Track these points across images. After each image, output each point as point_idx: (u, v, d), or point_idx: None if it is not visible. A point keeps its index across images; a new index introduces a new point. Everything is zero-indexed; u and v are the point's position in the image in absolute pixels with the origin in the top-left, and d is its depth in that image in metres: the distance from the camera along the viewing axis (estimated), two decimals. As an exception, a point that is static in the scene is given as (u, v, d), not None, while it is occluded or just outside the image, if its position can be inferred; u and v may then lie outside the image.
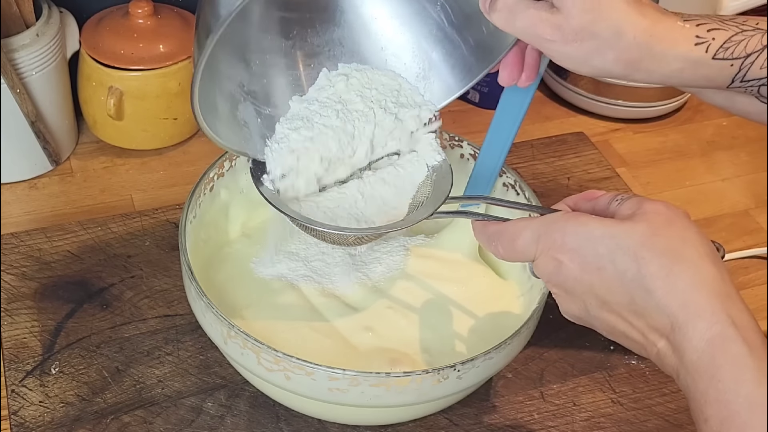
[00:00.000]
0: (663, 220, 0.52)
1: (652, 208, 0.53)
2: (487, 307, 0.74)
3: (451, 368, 0.60)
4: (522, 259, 0.57)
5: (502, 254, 0.58)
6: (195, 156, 0.98)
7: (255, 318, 0.71)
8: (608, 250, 0.52)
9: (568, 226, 0.54)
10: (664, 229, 0.52)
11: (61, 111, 0.93)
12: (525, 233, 0.56)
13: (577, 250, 0.53)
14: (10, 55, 0.84)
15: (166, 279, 0.80)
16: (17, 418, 0.68)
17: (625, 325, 0.53)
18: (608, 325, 0.54)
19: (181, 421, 0.69)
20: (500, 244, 0.58)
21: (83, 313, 0.77)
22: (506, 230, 0.58)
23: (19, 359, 0.73)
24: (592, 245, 0.53)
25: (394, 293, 0.73)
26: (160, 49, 0.92)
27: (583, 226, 0.54)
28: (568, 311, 0.56)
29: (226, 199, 0.76)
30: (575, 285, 0.54)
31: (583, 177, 0.97)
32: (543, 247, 0.55)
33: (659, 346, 0.51)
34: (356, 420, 0.70)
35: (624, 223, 0.53)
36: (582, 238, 0.53)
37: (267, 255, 0.74)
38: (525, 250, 0.56)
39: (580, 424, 0.72)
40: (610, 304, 0.53)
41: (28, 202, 0.91)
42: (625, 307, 0.52)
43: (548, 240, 0.55)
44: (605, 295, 0.53)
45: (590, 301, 0.54)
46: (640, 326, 0.52)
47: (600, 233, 0.53)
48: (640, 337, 0.53)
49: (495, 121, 0.72)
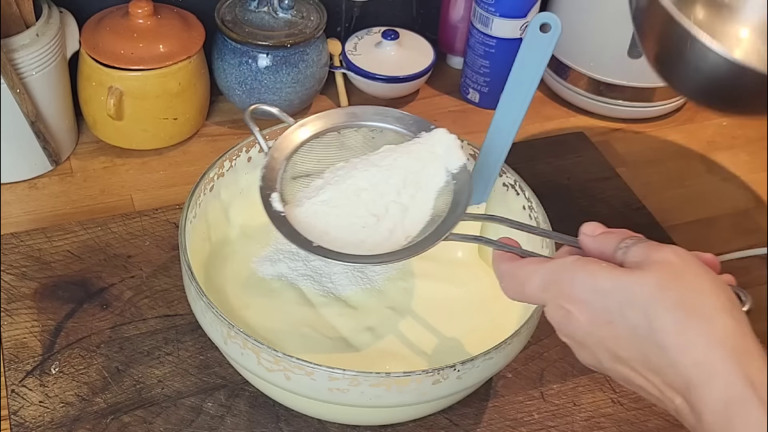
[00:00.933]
0: (674, 271, 0.49)
1: (660, 256, 0.50)
2: (487, 307, 0.74)
3: (451, 368, 0.60)
4: (531, 303, 0.56)
5: (514, 297, 0.56)
6: (195, 156, 0.98)
7: (255, 318, 0.71)
8: (618, 304, 0.49)
9: (577, 276, 0.51)
10: (676, 280, 0.49)
11: (61, 111, 0.93)
12: (534, 279, 0.54)
13: (585, 302, 0.51)
14: (10, 55, 0.84)
15: (166, 279, 0.80)
16: (17, 418, 0.68)
17: (640, 379, 0.51)
18: (624, 377, 0.52)
19: (181, 421, 0.69)
20: (509, 286, 0.56)
21: (83, 313, 0.77)
22: (516, 273, 0.55)
23: (19, 359, 0.73)
24: (601, 298, 0.50)
25: (394, 293, 0.73)
26: (160, 49, 0.92)
27: (591, 276, 0.51)
28: (582, 360, 0.54)
29: (226, 199, 0.76)
30: (585, 337, 0.52)
31: (583, 177, 0.97)
32: (551, 295, 0.53)
33: (677, 403, 0.49)
34: (356, 420, 0.70)
35: (633, 274, 0.50)
36: (590, 290, 0.51)
37: (267, 254, 0.75)
38: (533, 296, 0.54)
39: (580, 424, 0.72)
40: (623, 359, 0.50)
41: (28, 202, 0.91)
42: (639, 363, 0.50)
43: (556, 289, 0.52)
44: (617, 349, 0.50)
45: (602, 355, 0.52)
46: (656, 382, 0.49)
47: (609, 285, 0.50)
48: (657, 392, 0.50)
49: (495, 120, 0.72)
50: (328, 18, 1.00)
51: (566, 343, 0.54)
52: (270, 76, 0.97)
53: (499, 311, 0.73)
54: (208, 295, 0.63)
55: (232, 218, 0.77)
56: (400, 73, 1.04)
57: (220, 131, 1.02)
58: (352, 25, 1.08)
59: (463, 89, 1.10)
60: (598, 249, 0.55)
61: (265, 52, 0.96)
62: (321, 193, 0.64)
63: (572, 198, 0.94)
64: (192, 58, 0.94)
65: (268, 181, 0.63)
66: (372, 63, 1.04)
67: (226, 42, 0.97)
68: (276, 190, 0.62)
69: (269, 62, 0.97)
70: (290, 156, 0.65)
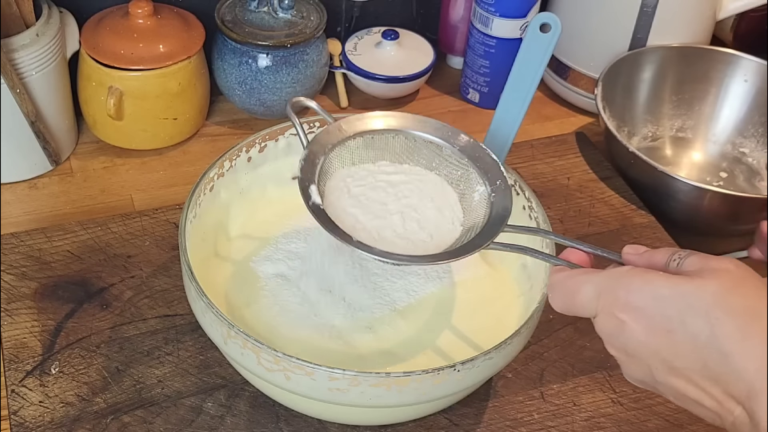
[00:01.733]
0: (735, 278, 0.48)
1: (720, 265, 0.49)
2: (487, 307, 0.74)
3: (451, 368, 0.60)
4: (581, 314, 0.54)
5: (561, 307, 0.55)
6: (195, 156, 0.98)
7: (255, 318, 0.71)
8: (678, 310, 0.48)
9: (633, 283, 0.50)
10: (738, 287, 0.48)
11: (61, 111, 0.93)
12: (586, 288, 0.52)
13: (642, 309, 0.49)
14: (10, 55, 0.84)
15: (166, 279, 0.80)
16: (17, 418, 0.68)
17: (697, 392, 0.49)
18: (677, 391, 0.50)
19: (181, 421, 0.69)
20: (559, 297, 0.55)
21: (83, 313, 0.77)
22: (566, 282, 0.54)
23: (19, 359, 0.73)
24: (659, 305, 0.49)
25: (395, 293, 0.73)
26: (160, 49, 0.92)
27: (648, 283, 0.50)
28: (631, 375, 0.53)
29: (226, 199, 0.76)
30: (639, 348, 0.50)
31: (583, 177, 0.96)
32: (604, 304, 0.51)
33: (735, 414, 0.47)
34: (356, 420, 0.70)
35: (693, 281, 0.48)
36: (648, 297, 0.49)
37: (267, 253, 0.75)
38: (584, 306, 0.53)
39: (580, 424, 0.72)
40: (679, 370, 0.49)
41: (28, 202, 0.91)
42: (698, 373, 0.48)
43: (610, 297, 0.51)
44: (674, 360, 0.49)
45: (656, 366, 0.50)
46: (715, 393, 0.48)
47: (668, 292, 0.49)
48: (714, 404, 0.48)
49: (495, 121, 0.72)
50: (328, 18, 1.00)
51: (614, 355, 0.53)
52: (270, 76, 0.97)
53: (499, 311, 0.73)
54: (208, 295, 0.63)
55: (232, 218, 0.77)
56: (400, 73, 1.04)
57: (220, 131, 1.02)
58: (352, 25, 1.08)
59: (463, 89, 1.10)
60: (647, 263, 0.53)
61: (265, 52, 0.96)
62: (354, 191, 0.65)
63: (572, 198, 0.94)
64: (192, 58, 0.94)
65: (306, 173, 0.63)
66: (372, 63, 1.04)
67: (226, 42, 0.97)
68: (314, 183, 0.63)
69: (269, 62, 0.97)
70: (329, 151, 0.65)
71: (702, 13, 1.04)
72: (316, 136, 0.66)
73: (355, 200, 0.65)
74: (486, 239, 0.62)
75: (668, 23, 1.01)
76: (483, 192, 0.66)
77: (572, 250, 0.58)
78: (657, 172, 0.90)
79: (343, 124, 0.67)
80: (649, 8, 1.00)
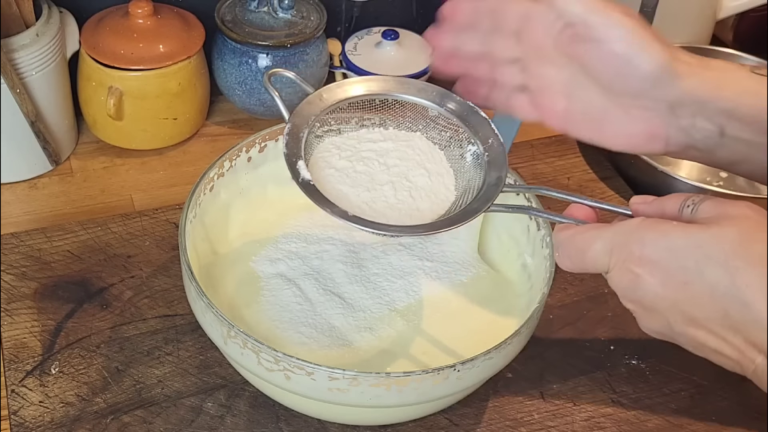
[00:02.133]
0: (754, 224, 0.47)
1: (737, 211, 0.48)
2: (487, 307, 0.74)
3: (451, 368, 0.60)
4: (592, 271, 0.53)
5: (570, 266, 0.54)
6: (195, 156, 0.98)
7: (255, 318, 0.71)
8: (695, 261, 0.47)
9: (647, 236, 0.49)
10: (758, 233, 0.47)
11: (61, 111, 0.93)
12: (597, 244, 0.51)
13: (658, 262, 0.48)
14: (10, 55, 0.84)
15: (166, 279, 0.80)
16: (17, 418, 0.68)
17: (717, 341, 0.48)
18: (696, 341, 0.50)
19: (181, 421, 0.69)
20: (568, 255, 0.53)
21: (83, 313, 0.77)
22: (574, 240, 0.53)
23: (19, 359, 0.73)
24: (675, 257, 0.48)
25: (395, 293, 0.73)
26: (160, 49, 0.92)
27: (663, 235, 0.48)
28: (647, 327, 0.52)
29: (226, 199, 0.76)
30: (656, 301, 0.49)
31: (583, 177, 0.96)
32: (617, 259, 0.50)
33: (757, 362, 0.47)
34: (356, 420, 0.70)
35: (710, 229, 0.47)
36: (663, 249, 0.48)
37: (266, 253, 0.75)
38: (596, 263, 0.52)
39: (580, 424, 0.72)
40: (698, 320, 0.48)
41: (28, 202, 0.91)
42: (717, 323, 0.47)
43: (624, 252, 0.50)
44: (693, 311, 0.48)
45: (674, 318, 0.49)
46: (736, 342, 0.48)
47: (684, 243, 0.48)
48: (735, 353, 0.48)
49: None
50: (328, 18, 1.00)
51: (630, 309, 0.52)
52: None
53: (499, 311, 0.73)
54: (208, 295, 0.63)
55: (232, 218, 0.77)
56: (400, 73, 1.04)
57: (220, 131, 1.02)
58: (352, 25, 1.08)
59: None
60: (659, 213, 0.52)
61: (265, 52, 0.96)
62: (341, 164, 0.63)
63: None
64: (192, 58, 0.94)
65: (292, 148, 0.61)
66: (372, 63, 1.04)
67: (226, 42, 0.97)
68: (301, 157, 0.61)
69: (269, 62, 0.97)
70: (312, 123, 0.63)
71: (702, 13, 1.04)
72: (297, 108, 0.63)
73: (342, 174, 0.63)
74: (485, 202, 0.59)
75: (668, 23, 1.01)
76: (476, 152, 0.63)
77: (577, 206, 0.57)
78: (657, 172, 0.90)
79: (323, 93, 0.64)
80: (649, 8, 1.00)
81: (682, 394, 0.75)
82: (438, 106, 0.65)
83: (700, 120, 0.56)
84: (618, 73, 0.56)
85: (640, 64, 0.55)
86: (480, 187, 0.62)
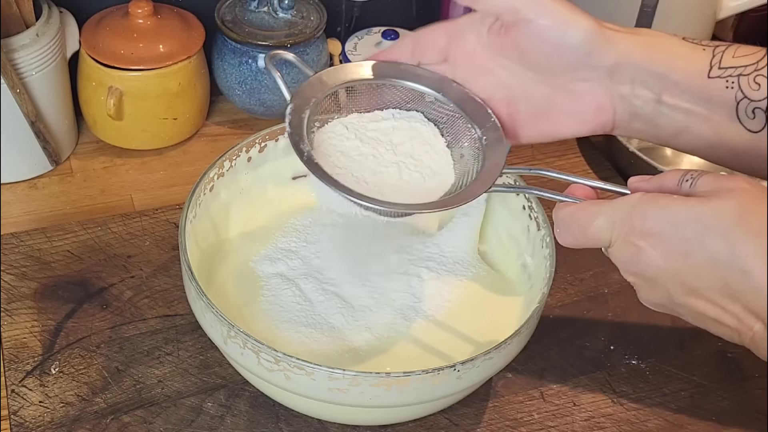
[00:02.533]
0: (752, 196, 0.48)
1: (735, 185, 0.49)
2: (487, 307, 0.74)
3: (451, 368, 0.60)
4: (595, 246, 0.53)
5: (572, 242, 0.55)
6: (195, 156, 0.98)
7: (255, 318, 0.71)
8: (696, 233, 0.48)
9: (648, 209, 0.50)
10: (756, 206, 0.48)
11: (61, 111, 0.93)
12: (599, 219, 0.52)
13: (659, 235, 0.50)
14: (10, 55, 0.84)
15: (166, 279, 0.80)
16: (17, 418, 0.68)
17: (716, 310, 0.50)
18: (696, 311, 0.51)
19: (181, 421, 0.69)
20: (570, 231, 0.54)
21: (83, 313, 0.77)
22: (576, 216, 0.54)
23: (19, 359, 0.73)
24: (676, 229, 0.49)
25: (395, 293, 0.73)
26: (160, 49, 0.92)
27: (664, 209, 0.50)
28: (648, 299, 0.53)
29: (226, 199, 0.76)
30: (658, 273, 0.50)
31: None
32: (619, 233, 0.51)
33: (756, 329, 0.48)
34: (356, 420, 0.70)
35: (710, 202, 0.49)
36: (665, 222, 0.49)
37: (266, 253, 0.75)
38: (599, 237, 0.53)
39: (580, 424, 0.72)
40: (698, 290, 0.50)
41: (28, 202, 0.91)
42: (717, 292, 0.49)
43: (626, 226, 0.51)
44: (693, 281, 0.49)
45: (675, 289, 0.50)
46: (735, 310, 0.49)
47: (685, 216, 0.49)
48: (734, 321, 0.49)
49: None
50: (328, 18, 1.00)
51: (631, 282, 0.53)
52: (270, 76, 0.97)
53: (499, 311, 0.73)
54: (208, 295, 0.63)
55: (232, 218, 0.77)
56: (400, 73, 1.04)
57: (220, 131, 1.02)
58: (352, 25, 1.08)
59: (463, 89, 1.10)
60: (658, 188, 0.53)
61: (265, 52, 0.96)
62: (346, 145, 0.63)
63: (572, 198, 0.94)
64: (192, 58, 0.94)
65: (295, 127, 0.61)
66: (372, 63, 1.04)
67: (226, 42, 0.97)
68: (304, 138, 0.60)
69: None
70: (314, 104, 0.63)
71: (702, 13, 1.04)
72: (299, 90, 0.63)
73: (348, 158, 0.63)
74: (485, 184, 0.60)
75: (668, 23, 1.01)
76: (474, 136, 0.64)
77: (577, 186, 0.57)
78: (657, 172, 0.90)
79: (323, 76, 0.64)
80: (649, 8, 1.00)
81: (682, 394, 0.75)
82: (435, 91, 0.65)
83: (638, 86, 0.58)
84: (553, 47, 0.58)
85: (572, 34, 0.57)
86: (479, 170, 0.62)
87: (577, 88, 0.59)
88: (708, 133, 0.58)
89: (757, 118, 0.56)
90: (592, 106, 0.60)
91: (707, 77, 0.56)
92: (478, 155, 0.63)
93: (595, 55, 0.58)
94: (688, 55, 0.57)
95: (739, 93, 0.56)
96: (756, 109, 0.56)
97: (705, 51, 0.57)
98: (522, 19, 0.58)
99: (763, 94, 0.55)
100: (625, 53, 0.57)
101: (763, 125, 0.56)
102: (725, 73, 0.56)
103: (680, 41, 0.58)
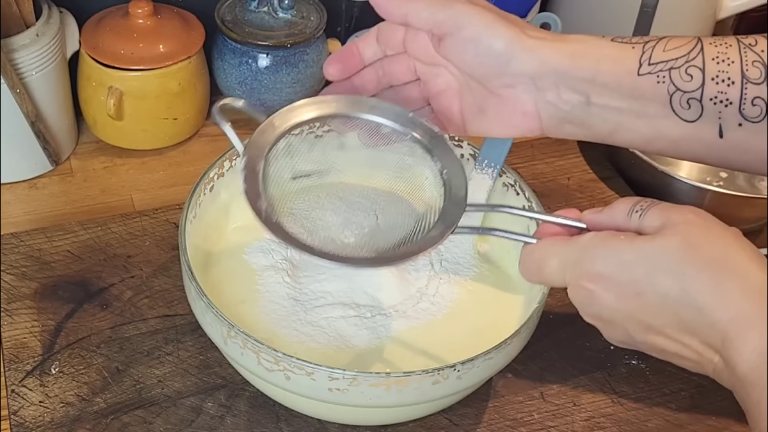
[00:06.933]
0: (698, 230, 0.49)
1: (681, 217, 0.50)
2: (487, 307, 0.74)
3: (451, 368, 0.60)
4: (553, 285, 0.55)
5: (531, 280, 0.56)
6: (195, 156, 0.98)
7: (254, 318, 0.71)
8: (645, 272, 0.49)
9: (598, 253, 0.51)
10: (702, 238, 0.48)
11: (61, 111, 0.93)
12: (552, 261, 0.53)
13: (609, 277, 0.50)
14: (10, 55, 0.84)
15: (166, 279, 0.80)
16: (17, 418, 0.68)
17: (676, 345, 0.50)
18: (657, 347, 0.51)
19: (181, 421, 0.69)
20: (528, 270, 0.55)
21: (83, 313, 0.77)
22: (533, 255, 0.55)
23: (19, 359, 0.73)
24: (626, 270, 0.49)
25: (394, 293, 0.73)
26: (160, 49, 0.92)
27: (612, 250, 0.50)
28: (610, 338, 0.54)
29: (226, 199, 0.76)
30: (613, 314, 0.51)
31: (583, 177, 0.96)
32: (571, 276, 0.52)
33: (715, 362, 0.49)
34: (356, 420, 0.70)
35: (655, 240, 0.49)
36: (613, 264, 0.50)
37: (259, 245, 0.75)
38: (553, 278, 0.54)
39: (580, 424, 0.72)
40: (656, 327, 0.50)
41: (28, 202, 0.91)
42: (674, 328, 0.49)
43: (576, 269, 0.52)
44: (649, 319, 0.50)
45: (633, 328, 0.51)
46: (694, 345, 0.49)
47: (632, 256, 0.49)
48: (694, 355, 0.50)
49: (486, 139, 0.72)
50: (328, 18, 1.00)
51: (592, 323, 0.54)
52: (270, 76, 0.97)
53: (499, 311, 0.73)
54: (208, 295, 0.63)
55: (231, 218, 0.77)
56: (400, 73, 1.04)
57: (220, 131, 0.99)
58: (352, 25, 1.08)
59: (463, 89, 1.10)
60: (608, 221, 0.54)
61: (265, 52, 0.96)
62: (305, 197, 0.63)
63: (572, 198, 0.94)
64: (192, 58, 0.94)
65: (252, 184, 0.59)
66: (372, 63, 1.04)
67: (226, 42, 0.97)
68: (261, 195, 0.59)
69: (269, 62, 0.97)
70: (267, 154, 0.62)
71: (702, 13, 1.04)
72: (251, 140, 0.62)
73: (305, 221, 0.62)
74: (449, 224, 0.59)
75: (668, 23, 1.01)
76: (434, 168, 0.63)
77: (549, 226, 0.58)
78: (657, 172, 0.90)
79: (275, 120, 0.63)
80: (649, 8, 1.00)
81: (682, 394, 0.75)
82: (392, 122, 0.64)
83: (564, 91, 0.59)
84: (476, 56, 0.59)
85: (492, 43, 0.58)
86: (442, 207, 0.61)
87: (503, 93, 0.60)
88: (643, 128, 0.58)
89: (692, 108, 0.56)
90: (518, 111, 0.61)
91: (637, 75, 0.57)
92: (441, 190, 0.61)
93: (514, 63, 0.58)
94: (616, 56, 0.57)
95: (672, 86, 0.56)
96: (690, 99, 0.56)
97: (634, 49, 0.57)
98: (446, 33, 0.60)
99: (696, 84, 0.55)
100: (548, 60, 0.58)
101: (699, 114, 0.56)
102: (656, 68, 0.56)
103: (608, 42, 0.58)
